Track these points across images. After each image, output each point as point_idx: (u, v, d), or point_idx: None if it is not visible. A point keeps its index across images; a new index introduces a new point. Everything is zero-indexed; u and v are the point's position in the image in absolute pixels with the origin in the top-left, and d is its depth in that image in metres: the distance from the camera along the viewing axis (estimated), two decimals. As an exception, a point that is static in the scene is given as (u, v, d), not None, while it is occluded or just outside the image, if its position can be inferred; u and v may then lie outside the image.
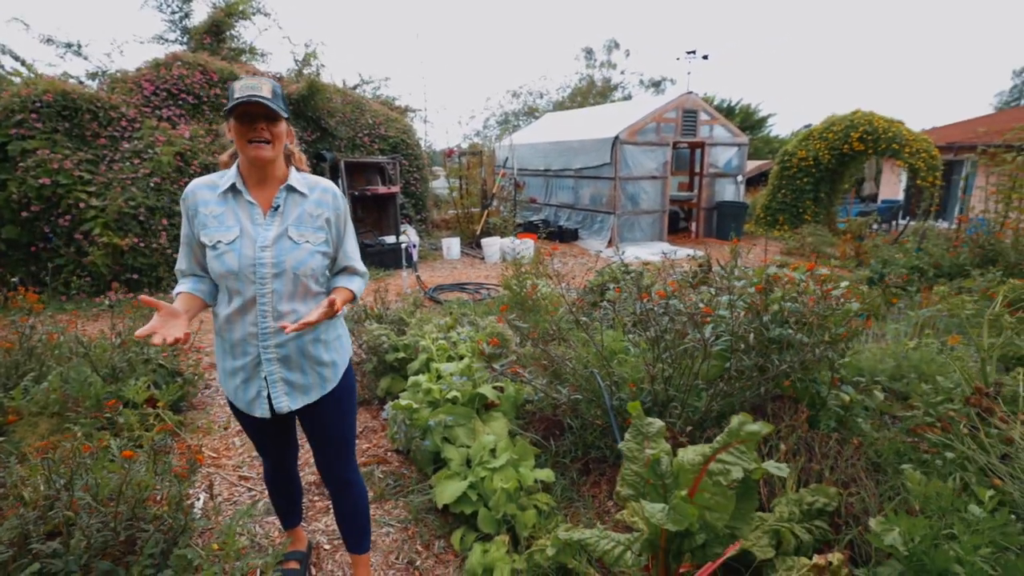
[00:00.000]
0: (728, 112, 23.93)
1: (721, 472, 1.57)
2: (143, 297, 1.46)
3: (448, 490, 2.41)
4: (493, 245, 9.05)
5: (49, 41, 10.99)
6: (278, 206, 1.62)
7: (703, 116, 10.96)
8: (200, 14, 12.28)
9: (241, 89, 1.49)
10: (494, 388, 3.03)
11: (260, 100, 1.47)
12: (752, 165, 18.18)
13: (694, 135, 10.90)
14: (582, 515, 2.46)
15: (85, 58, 11.40)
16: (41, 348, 3.36)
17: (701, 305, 2.57)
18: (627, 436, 1.91)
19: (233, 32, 11.81)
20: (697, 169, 11.74)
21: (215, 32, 11.41)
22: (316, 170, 9.62)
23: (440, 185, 12.93)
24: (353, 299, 1.73)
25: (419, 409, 2.81)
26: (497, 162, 11.76)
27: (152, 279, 6.80)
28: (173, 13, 12.36)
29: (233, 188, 1.61)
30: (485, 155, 11.75)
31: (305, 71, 11.53)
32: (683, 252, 8.31)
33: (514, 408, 3.02)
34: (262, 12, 11.85)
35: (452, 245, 9.48)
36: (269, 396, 1.66)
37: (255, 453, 2.99)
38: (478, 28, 54.58)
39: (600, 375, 2.69)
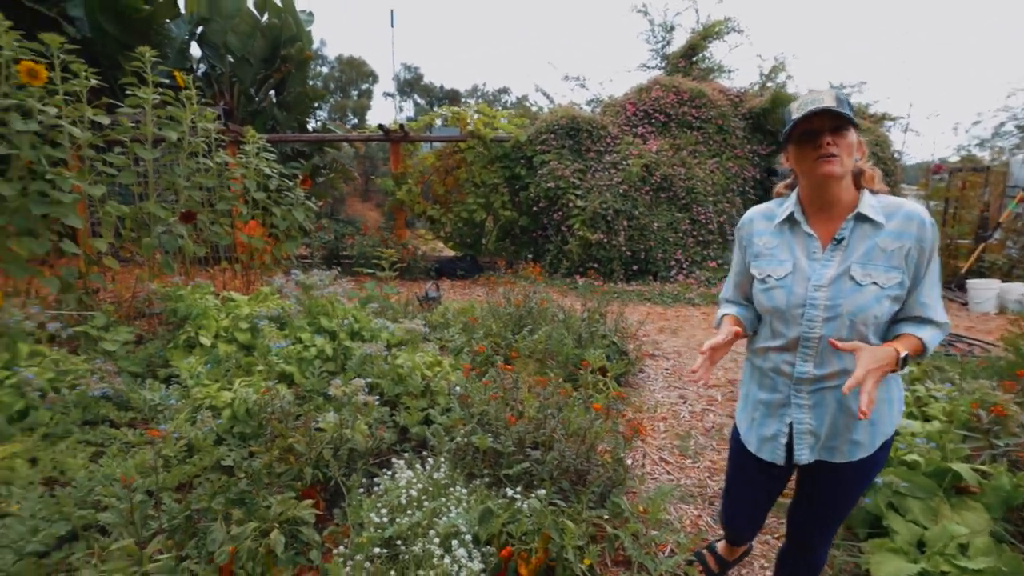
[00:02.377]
0: None
1: None
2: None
3: (888, 566, 2.04)
4: (987, 290, 6.96)
5: (566, 78, 14.29)
6: (841, 239, 1.38)
7: None
8: (679, 40, 13.62)
9: (800, 107, 1.33)
10: (974, 471, 2.37)
11: (824, 110, 1.29)
12: None
13: None
14: None
15: (586, 88, 14.31)
16: (536, 310, 4.46)
17: None
18: None
19: (705, 53, 12.62)
20: None
21: (689, 55, 12.42)
22: (765, 186, 9.41)
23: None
24: (923, 353, 1.35)
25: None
26: (1012, 180, 8.89)
27: (606, 270, 8.09)
28: (657, 42, 14.10)
29: (791, 218, 1.45)
30: (994, 172, 9.04)
31: (768, 84, 11.35)
32: None
33: (1003, 505, 2.29)
34: (735, 30, 12.24)
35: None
36: (789, 444, 1.49)
37: (676, 441, 3.22)
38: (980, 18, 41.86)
39: None
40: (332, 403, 2.64)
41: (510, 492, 2.12)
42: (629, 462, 2.91)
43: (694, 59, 12.30)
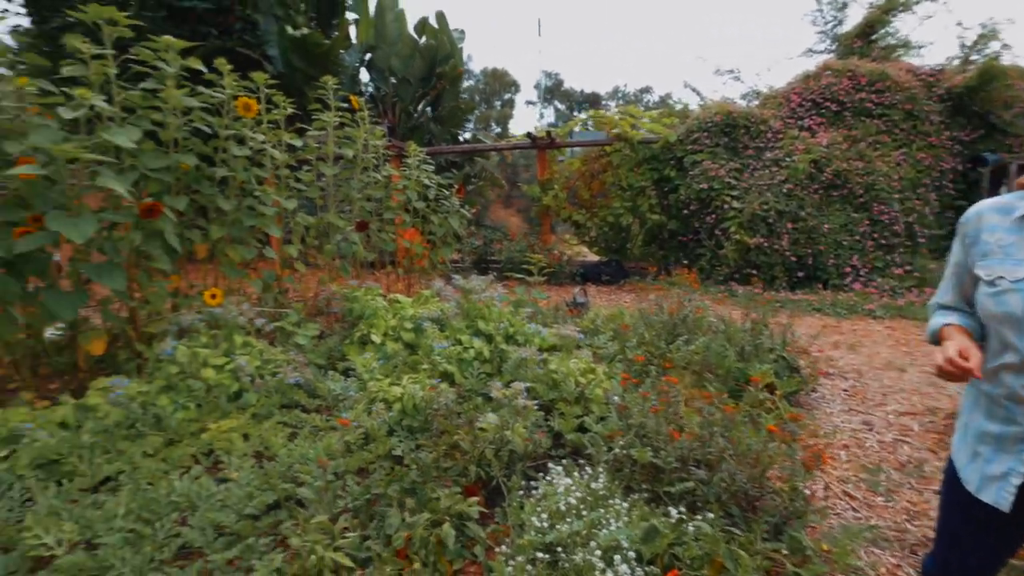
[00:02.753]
0: None
1: None
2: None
3: None
4: None
5: (718, 71, 13.47)
6: None
7: None
8: (854, 18, 12.13)
9: None
10: None
11: None
12: None
13: None
14: None
15: (740, 81, 13.35)
16: (691, 318, 4.21)
17: None
18: None
19: (888, 29, 11.10)
20: None
21: (866, 34, 11.03)
22: (968, 179, 7.99)
23: None
24: None
25: None
26: None
27: (767, 276, 7.43)
28: (826, 23, 12.72)
29: None
30: None
31: (973, 57, 9.63)
32: None
33: None
34: None
35: None
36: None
37: (862, 474, 2.82)
38: None
39: None
40: (490, 404, 2.72)
41: (673, 512, 2.01)
42: (807, 493, 2.60)
43: (872, 37, 10.90)
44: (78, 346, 3.44)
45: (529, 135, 8.96)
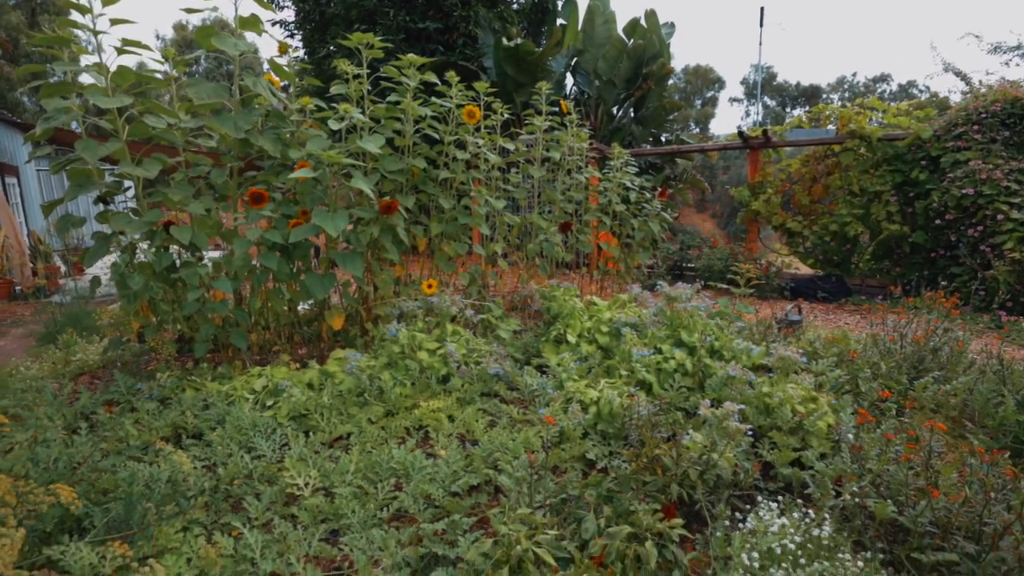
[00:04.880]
0: None
1: None
2: None
3: None
4: None
5: (996, 49, 10.87)
6: None
7: None
8: None
9: None
10: None
11: None
12: None
13: None
14: None
15: (1029, 60, 10.61)
16: (948, 352, 3.45)
17: None
18: None
19: None
20: None
21: None
22: None
23: None
24: None
25: None
26: None
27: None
28: None
29: None
30: None
31: None
32: None
33: None
34: None
35: None
36: None
37: None
38: None
39: None
40: (691, 422, 2.54)
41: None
42: None
43: None
44: (323, 320, 4.10)
45: (740, 134, 8.27)
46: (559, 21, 13.15)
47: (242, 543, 1.87)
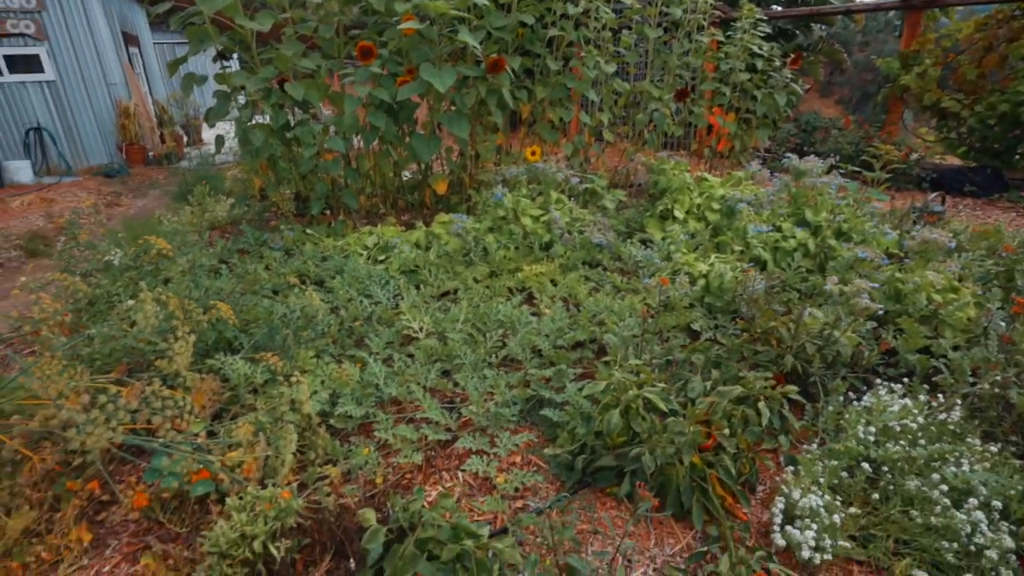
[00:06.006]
0: None
1: None
2: None
3: None
4: None
5: None
6: None
7: None
8: None
9: None
10: None
11: None
12: None
13: None
14: None
15: None
16: None
17: None
18: None
19: None
20: None
21: None
22: None
23: None
24: None
25: None
26: None
27: None
28: None
29: None
30: None
31: None
32: None
33: None
34: None
35: None
36: None
37: None
38: None
39: None
40: (808, 301, 2.40)
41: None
42: None
43: None
44: (426, 187, 4.16)
45: (900, -9, 6.92)
46: None
47: (367, 372, 2.07)
